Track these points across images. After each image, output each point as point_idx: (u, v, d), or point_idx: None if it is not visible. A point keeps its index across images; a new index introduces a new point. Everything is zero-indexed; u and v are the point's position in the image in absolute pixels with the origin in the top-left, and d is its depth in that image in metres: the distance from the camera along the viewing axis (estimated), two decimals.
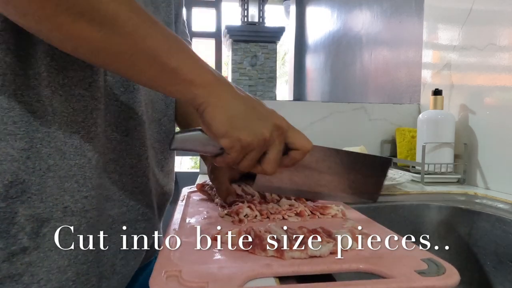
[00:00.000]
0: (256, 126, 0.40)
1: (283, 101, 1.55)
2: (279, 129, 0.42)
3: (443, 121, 0.97)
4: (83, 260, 0.43)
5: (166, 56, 0.37)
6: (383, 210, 0.78)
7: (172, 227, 0.46)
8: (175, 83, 0.38)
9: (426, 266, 0.34)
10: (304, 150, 0.45)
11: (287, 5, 4.38)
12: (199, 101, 0.39)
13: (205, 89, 0.39)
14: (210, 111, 0.39)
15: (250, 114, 0.41)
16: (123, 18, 0.35)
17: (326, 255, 0.36)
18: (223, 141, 0.40)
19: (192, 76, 0.38)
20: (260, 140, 0.41)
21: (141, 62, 0.37)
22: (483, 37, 0.93)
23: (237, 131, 0.40)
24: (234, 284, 0.31)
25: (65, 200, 0.42)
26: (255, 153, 0.42)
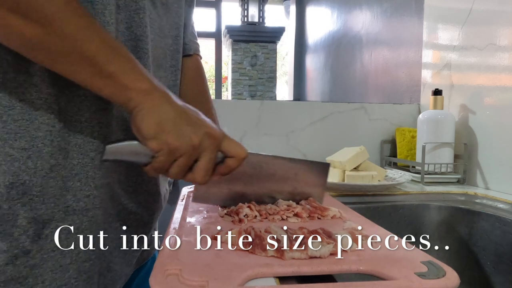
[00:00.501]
0: (186, 131, 0.40)
1: (283, 101, 1.55)
2: (211, 137, 0.42)
3: (443, 121, 0.97)
4: (84, 258, 0.44)
5: (104, 61, 0.38)
6: (383, 210, 0.78)
7: (172, 227, 0.46)
8: (110, 87, 0.39)
9: (426, 268, 0.34)
10: (239, 157, 0.44)
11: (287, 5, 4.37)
12: (132, 105, 0.40)
13: (139, 94, 0.39)
14: (141, 115, 0.39)
15: (182, 119, 0.41)
16: (62, 19, 0.35)
17: (326, 255, 0.36)
18: (151, 143, 0.40)
19: (128, 81, 0.39)
20: (189, 145, 0.40)
21: (78, 64, 0.37)
22: (483, 37, 0.93)
23: (165, 134, 0.40)
24: (234, 283, 0.31)
25: (67, 200, 0.42)
26: (184, 159, 0.41)
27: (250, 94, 4.98)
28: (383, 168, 0.95)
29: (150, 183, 0.55)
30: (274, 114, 1.14)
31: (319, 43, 2.87)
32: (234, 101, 1.27)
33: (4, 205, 0.39)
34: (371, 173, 0.86)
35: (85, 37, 0.37)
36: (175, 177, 0.43)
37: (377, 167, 0.91)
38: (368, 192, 0.85)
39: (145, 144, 0.40)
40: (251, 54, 4.99)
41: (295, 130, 1.15)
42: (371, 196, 0.83)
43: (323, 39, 2.75)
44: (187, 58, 0.66)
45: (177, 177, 0.43)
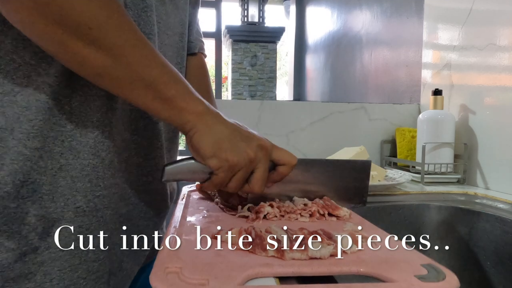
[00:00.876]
0: (241, 147, 0.43)
1: (283, 101, 1.55)
2: (263, 148, 0.45)
3: (443, 121, 0.97)
4: (93, 258, 0.44)
5: (164, 86, 0.40)
6: (383, 210, 0.78)
7: (172, 226, 0.46)
8: (169, 110, 0.41)
9: (426, 271, 0.34)
10: (290, 165, 0.47)
11: (287, 5, 4.38)
12: (189, 127, 0.42)
13: (195, 116, 0.42)
14: (198, 136, 0.42)
15: (235, 136, 0.43)
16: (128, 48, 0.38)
17: (326, 257, 0.36)
18: (211, 161, 0.42)
19: (185, 104, 0.41)
20: (246, 160, 0.43)
21: (140, 89, 0.39)
22: (483, 37, 0.93)
23: (223, 152, 0.42)
24: (235, 282, 0.31)
25: (77, 200, 0.42)
26: (242, 172, 0.44)
27: (250, 94, 4.98)
28: (383, 168, 0.95)
29: (159, 182, 0.55)
30: (274, 114, 1.14)
31: (319, 43, 2.87)
32: (234, 101, 1.27)
33: (11, 204, 0.39)
34: (371, 173, 0.86)
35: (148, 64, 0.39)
36: (233, 190, 0.45)
37: (377, 167, 0.91)
38: (368, 192, 0.85)
39: (205, 163, 0.43)
40: (251, 54, 4.99)
41: (295, 130, 1.15)
42: (371, 196, 0.83)
43: (323, 39, 2.76)
44: (191, 57, 0.66)
45: (236, 190, 0.46)
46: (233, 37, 4.91)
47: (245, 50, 4.99)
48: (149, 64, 0.40)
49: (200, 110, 0.42)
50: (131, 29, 0.39)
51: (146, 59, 0.39)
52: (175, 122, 0.42)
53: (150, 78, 0.39)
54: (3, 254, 0.39)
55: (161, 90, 0.40)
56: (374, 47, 1.73)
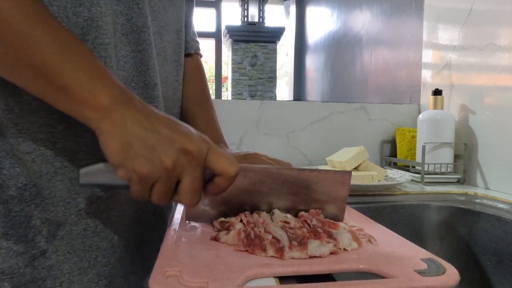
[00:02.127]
0: (154, 154, 0.34)
1: (283, 101, 1.55)
2: (188, 153, 0.35)
3: (443, 121, 0.97)
4: (103, 262, 0.43)
5: (56, 70, 0.32)
6: (383, 210, 0.78)
7: (172, 227, 0.46)
8: (65, 102, 0.34)
9: (426, 266, 0.34)
10: (227, 176, 0.37)
11: (287, 5, 4.38)
12: (92, 125, 0.35)
13: (99, 112, 0.34)
14: (103, 138, 0.34)
15: (149, 139, 0.34)
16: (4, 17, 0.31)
17: (326, 255, 0.36)
18: (119, 172, 0.35)
19: (84, 96, 0.33)
20: (160, 169, 0.34)
21: (24, 72, 0.33)
22: (483, 37, 0.93)
23: (130, 161, 0.34)
24: (234, 284, 0.31)
25: (78, 203, 0.41)
26: (161, 184, 0.35)
27: (250, 94, 4.98)
28: (383, 168, 0.95)
29: None
30: (274, 114, 1.14)
31: (319, 43, 2.87)
32: (234, 101, 1.27)
33: (15, 208, 0.38)
34: (371, 173, 0.86)
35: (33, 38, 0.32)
36: (159, 202, 0.38)
37: (377, 167, 0.91)
38: (368, 192, 0.85)
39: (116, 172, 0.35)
40: (251, 54, 4.99)
41: (295, 130, 1.15)
42: (371, 196, 0.83)
43: (323, 39, 2.75)
44: (188, 58, 0.65)
45: (162, 202, 0.37)
46: (233, 37, 4.91)
47: (245, 50, 4.98)
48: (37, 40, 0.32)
49: (105, 104, 0.34)
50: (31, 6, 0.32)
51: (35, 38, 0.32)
52: (77, 118, 0.35)
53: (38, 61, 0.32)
54: (13, 259, 0.38)
55: (54, 77, 0.32)
56: (374, 47, 1.73)
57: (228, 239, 0.40)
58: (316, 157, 1.15)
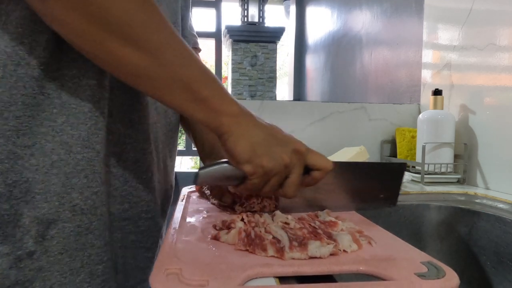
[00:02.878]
0: (276, 152, 0.42)
1: (283, 101, 1.55)
2: (298, 153, 0.43)
3: (443, 121, 0.97)
4: (97, 260, 0.42)
5: (200, 86, 0.39)
6: (383, 210, 0.78)
7: (172, 226, 0.46)
8: (204, 111, 0.40)
9: (426, 269, 0.34)
10: (325, 170, 0.46)
11: (287, 5, 4.38)
12: (223, 129, 0.41)
13: (230, 118, 0.41)
14: (234, 139, 0.41)
15: (271, 141, 0.42)
16: (166, 48, 0.38)
17: (326, 256, 0.36)
18: (246, 167, 0.42)
19: (220, 106, 0.40)
20: (281, 165, 0.42)
21: (177, 89, 0.39)
22: (483, 37, 0.93)
23: (259, 158, 0.41)
24: (234, 283, 0.31)
25: (73, 198, 0.40)
26: (277, 178, 0.43)
27: (250, 94, 4.98)
28: None
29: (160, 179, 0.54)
30: (274, 114, 1.14)
31: (319, 43, 2.87)
32: None
33: (4, 206, 0.37)
34: None
35: (185, 64, 0.39)
36: (267, 194, 0.45)
37: None
38: None
39: (240, 168, 0.42)
40: (251, 54, 4.99)
41: (295, 130, 1.15)
42: None
43: (323, 39, 2.75)
44: None
45: (269, 194, 0.45)
46: (233, 37, 4.91)
47: (245, 50, 4.98)
48: (187, 64, 0.39)
49: (235, 112, 0.41)
50: (169, 30, 0.38)
51: (184, 59, 0.39)
52: (210, 123, 0.41)
53: (187, 79, 0.39)
54: None
55: (197, 91, 0.39)
56: (374, 47, 1.73)
57: (229, 238, 0.40)
58: None
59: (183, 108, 0.40)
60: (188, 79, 0.39)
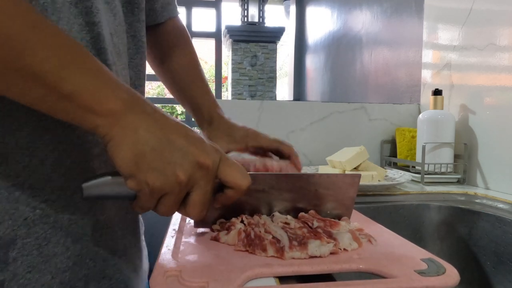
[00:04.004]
0: (168, 167, 0.33)
1: (283, 101, 1.55)
2: (202, 167, 0.34)
3: (443, 121, 0.97)
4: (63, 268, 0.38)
5: (58, 76, 0.29)
6: (383, 210, 0.78)
7: (171, 228, 0.46)
8: (69, 111, 0.31)
9: (426, 266, 0.34)
10: (239, 189, 0.37)
11: (287, 5, 4.38)
12: (101, 133, 0.32)
13: (107, 119, 0.31)
14: (113, 147, 0.32)
15: (164, 150, 0.33)
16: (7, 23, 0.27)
17: (326, 255, 0.36)
18: (128, 182, 0.33)
19: (91, 102, 0.31)
20: (174, 183, 0.33)
21: (19, 81, 0.29)
22: (483, 37, 0.93)
23: (143, 173, 0.32)
24: (234, 284, 0.31)
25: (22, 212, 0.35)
26: (171, 197, 0.34)
27: (250, 94, 4.98)
28: (383, 168, 0.95)
29: None
30: (274, 114, 1.14)
31: (319, 43, 2.87)
32: (234, 101, 1.27)
33: None
34: (371, 173, 0.86)
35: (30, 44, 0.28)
36: (164, 215, 0.36)
37: (377, 167, 0.91)
38: (368, 192, 0.85)
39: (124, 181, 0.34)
40: (251, 54, 4.99)
41: (295, 130, 1.15)
42: (371, 196, 0.83)
43: (323, 39, 2.76)
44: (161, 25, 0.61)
45: (167, 214, 0.36)
46: (233, 37, 4.91)
47: (245, 50, 4.99)
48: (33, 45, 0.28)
49: (115, 110, 0.31)
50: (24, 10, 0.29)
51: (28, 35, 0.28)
52: (84, 127, 0.32)
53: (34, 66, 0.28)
54: None
55: (53, 84, 0.29)
56: (374, 47, 1.73)
57: (228, 239, 0.40)
58: (316, 157, 1.15)
59: (40, 106, 0.31)
60: (35, 68, 0.28)
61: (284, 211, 0.47)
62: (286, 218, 0.44)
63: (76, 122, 0.32)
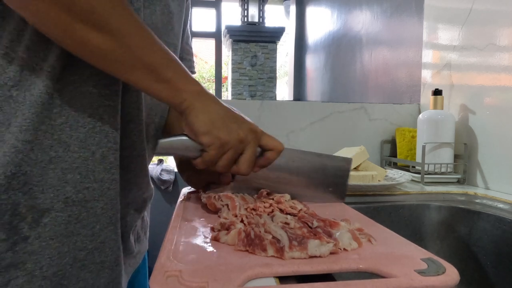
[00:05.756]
0: (233, 127, 0.47)
1: (283, 101, 1.55)
2: (253, 132, 0.48)
3: (443, 121, 0.97)
4: (81, 246, 0.45)
5: (163, 68, 0.43)
6: (383, 210, 0.78)
7: (172, 228, 0.46)
8: (168, 90, 0.44)
9: (426, 265, 0.34)
10: (277, 150, 0.51)
11: (287, 5, 4.37)
12: (185, 105, 0.45)
13: (192, 95, 0.45)
14: (194, 113, 0.45)
15: (229, 118, 0.47)
16: (130, 32, 0.41)
17: (326, 255, 0.36)
18: (204, 137, 0.46)
19: (182, 85, 0.45)
20: (237, 140, 0.46)
21: (141, 71, 0.42)
22: (483, 37, 0.93)
23: (216, 130, 0.46)
24: (234, 284, 0.31)
25: (66, 191, 0.43)
26: (232, 152, 0.47)
27: (250, 94, 4.98)
28: (383, 168, 0.95)
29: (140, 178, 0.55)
30: (274, 114, 1.14)
31: (319, 43, 2.87)
32: (234, 101, 1.27)
33: (2, 196, 0.40)
34: (371, 173, 0.86)
35: (148, 48, 0.42)
36: (222, 169, 0.48)
37: (377, 167, 0.91)
38: (368, 192, 0.85)
39: (198, 139, 0.46)
40: (251, 54, 4.99)
41: (295, 130, 1.15)
42: (371, 196, 0.83)
43: (323, 39, 2.75)
44: None
45: (225, 169, 0.48)
46: (233, 37, 4.91)
47: (245, 50, 4.98)
48: (150, 48, 0.42)
49: (196, 90, 0.45)
50: (133, 17, 0.42)
51: (147, 43, 0.42)
52: (174, 101, 0.45)
53: (150, 61, 0.42)
54: None
55: (161, 73, 0.43)
56: (374, 47, 1.73)
57: (228, 239, 0.40)
58: None
59: (148, 88, 0.44)
60: (151, 62, 0.42)
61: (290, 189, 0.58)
62: (286, 218, 0.44)
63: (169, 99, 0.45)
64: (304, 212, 0.50)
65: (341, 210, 0.57)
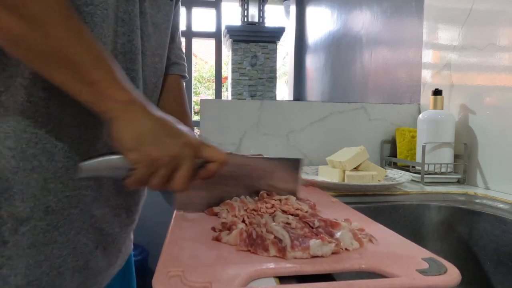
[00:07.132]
0: (166, 142, 0.42)
1: (283, 101, 1.55)
2: (189, 146, 0.43)
3: (443, 121, 0.97)
4: (57, 254, 0.44)
5: (88, 67, 0.39)
6: (383, 210, 0.78)
7: (173, 228, 0.46)
8: (90, 93, 0.39)
9: (427, 265, 0.34)
10: (219, 162, 0.46)
11: (287, 5, 4.37)
12: (111, 114, 0.40)
13: (119, 105, 0.40)
14: (121, 126, 0.40)
15: (160, 131, 0.42)
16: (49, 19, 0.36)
17: (328, 255, 0.36)
18: (131, 154, 0.41)
19: (111, 91, 0.40)
20: (169, 156, 0.41)
21: (59, 66, 0.38)
22: (483, 37, 0.93)
23: (145, 146, 0.40)
24: (237, 284, 0.31)
25: (47, 201, 0.43)
26: (164, 169, 0.42)
27: (250, 94, 4.98)
28: (383, 168, 0.95)
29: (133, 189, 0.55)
30: (274, 114, 1.14)
31: (319, 43, 2.87)
32: (234, 101, 1.27)
33: None
34: (371, 173, 0.86)
35: (71, 40, 0.37)
36: (156, 188, 0.43)
37: (377, 167, 0.91)
38: (368, 192, 0.85)
39: (125, 156, 0.41)
40: (251, 54, 4.99)
41: (295, 130, 1.15)
42: (371, 196, 0.83)
43: (323, 39, 2.75)
44: (170, 76, 0.66)
45: (158, 187, 0.43)
46: (233, 37, 4.91)
47: (245, 50, 4.98)
48: (75, 42, 0.38)
49: (126, 99, 0.41)
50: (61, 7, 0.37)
51: (71, 36, 0.38)
52: (96, 107, 0.40)
53: (74, 57, 0.38)
54: None
55: (85, 72, 0.38)
56: (374, 47, 1.73)
57: (230, 239, 0.40)
58: (316, 157, 1.15)
59: (67, 87, 0.39)
60: (75, 58, 0.38)
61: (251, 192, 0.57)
62: (287, 218, 0.44)
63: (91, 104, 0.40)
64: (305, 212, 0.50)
65: (342, 210, 0.57)
